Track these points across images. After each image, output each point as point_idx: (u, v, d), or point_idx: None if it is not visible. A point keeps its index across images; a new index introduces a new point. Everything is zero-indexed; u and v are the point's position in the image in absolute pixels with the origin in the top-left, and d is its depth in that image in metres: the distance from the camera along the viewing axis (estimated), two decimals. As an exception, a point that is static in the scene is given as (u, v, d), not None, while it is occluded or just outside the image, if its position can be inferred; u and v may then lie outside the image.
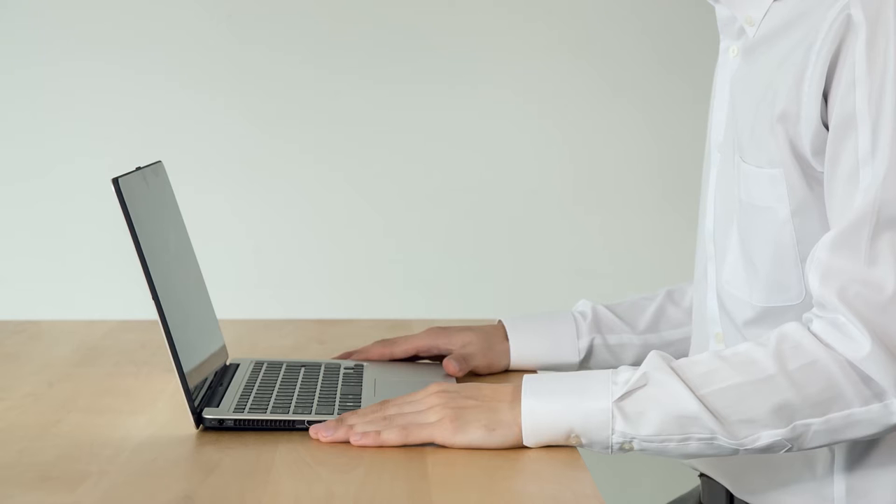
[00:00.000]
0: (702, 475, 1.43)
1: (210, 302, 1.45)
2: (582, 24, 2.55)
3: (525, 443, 1.16)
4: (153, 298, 1.19)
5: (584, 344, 1.47)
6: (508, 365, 1.46)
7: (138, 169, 1.29)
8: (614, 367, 1.40)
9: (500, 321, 1.49)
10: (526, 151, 2.52)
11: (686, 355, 1.45)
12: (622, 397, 1.14)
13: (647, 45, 2.33)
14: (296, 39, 2.53)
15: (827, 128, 1.17)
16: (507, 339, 1.46)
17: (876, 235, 1.12)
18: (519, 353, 1.45)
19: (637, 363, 1.43)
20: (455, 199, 2.51)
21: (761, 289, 1.25)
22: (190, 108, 2.55)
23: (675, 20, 2.49)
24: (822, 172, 1.19)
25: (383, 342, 1.49)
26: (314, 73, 2.54)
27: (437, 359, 1.47)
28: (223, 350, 1.42)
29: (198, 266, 1.44)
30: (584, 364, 1.47)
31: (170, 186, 1.41)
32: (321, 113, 2.55)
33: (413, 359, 1.49)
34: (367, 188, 2.51)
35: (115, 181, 1.20)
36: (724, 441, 1.14)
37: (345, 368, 1.43)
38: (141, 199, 1.25)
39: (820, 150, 1.18)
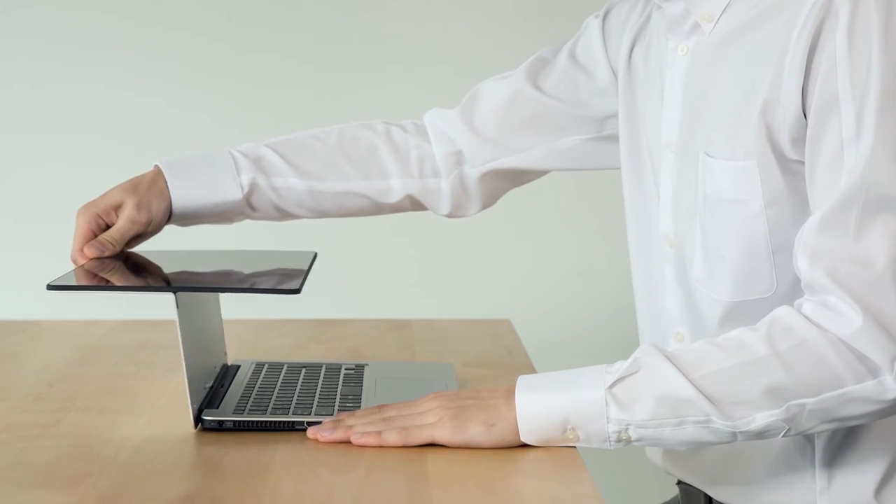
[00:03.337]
0: (679, 482, 1.43)
1: (218, 305, 1.45)
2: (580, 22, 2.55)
3: (522, 438, 1.16)
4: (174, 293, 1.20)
5: (245, 181, 1.42)
6: (169, 212, 1.39)
7: None
8: (280, 209, 1.45)
9: (156, 165, 1.41)
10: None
11: (352, 211, 1.49)
12: (614, 384, 1.14)
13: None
14: (296, 40, 2.53)
15: (806, 116, 1.16)
16: (166, 186, 1.39)
17: (864, 215, 1.11)
18: (180, 196, 1.39)
19: (304, 209, 1.47)
20: (455, 200, 2.51)
21: (730, 283, 1.25)
22: (189, 108, 2.55)
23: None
24: (799, 161, 1.18)
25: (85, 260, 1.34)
26: (314, 72, 2.54)
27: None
28: (223, 351, 1.42)
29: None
30: (249, 203, 1.44)
31: None
32: (321, 113, 2.55)
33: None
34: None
35: None
36: (719, 424, 1.13)
37: (345, 369, 1.43)
38: None
39: (798, 139, 1.17)
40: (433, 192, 1.51)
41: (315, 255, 1.39)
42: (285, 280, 1.29)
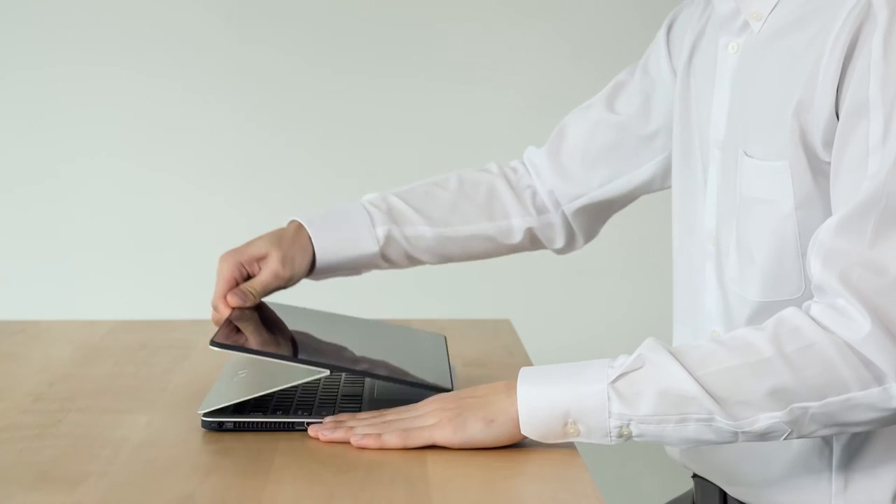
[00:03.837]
0: (695, 476, 1.42)
1: None
2: (584, 25, 2.55)
3: (522, 431, 1.16)
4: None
5: (381, 233, 1.46)
6: (312, 266, 1.44)
7: None
8: (410, 257, 1.48)
9: (294, 220, 1.45)
10: (526, 151, 2.52)
11: (475, 254, 1.53)
12: (617, 378, 1.14)
13: (648, 45, 2.33)
14: (296, 39, 2.53)
15: (839, 118, 1.16)
16: (309, 239, 1.43)
17: (882, 221, 1.11)
18: (323, 251, 1.43)
19: (432, 255, 1.51)
20: (455, 200, 2.51)
21: (759, 283, 1.25)
22: (189, 107, 2.55)
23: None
24: (829, 163, 1.18)
25: (222, 317, 1.37)
26: (314, 72, 2.54)
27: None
28: None
29: None
30: (384, 254, 1.47)
31: None
32: (321, 112, 2.55)
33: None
34: (368, 187, 2.51)
35: None
36: (722, 422, 1.13)
37: (346, 369, 1.43)
38: None
39: (831, 142, 1.17)
40: (548, 227, 1.57)
41: (445, 339, 1.45)
42: (432, 373, 1.32)
